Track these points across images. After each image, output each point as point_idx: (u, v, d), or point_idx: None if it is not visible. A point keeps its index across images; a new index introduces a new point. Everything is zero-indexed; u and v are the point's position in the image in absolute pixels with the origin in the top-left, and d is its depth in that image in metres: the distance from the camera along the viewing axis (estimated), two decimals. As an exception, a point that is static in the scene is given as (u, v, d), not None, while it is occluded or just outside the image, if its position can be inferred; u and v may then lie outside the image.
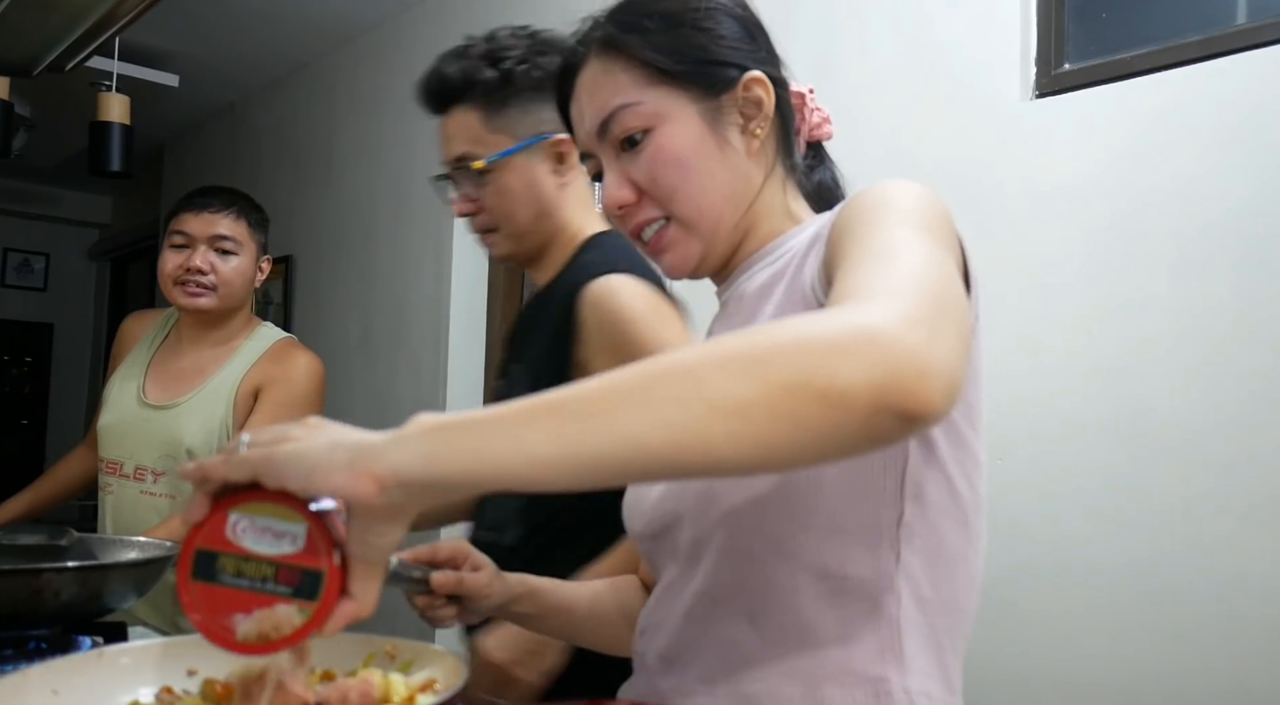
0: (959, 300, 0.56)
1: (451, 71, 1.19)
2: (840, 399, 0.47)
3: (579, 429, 0.48)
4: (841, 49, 2.18)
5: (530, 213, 1.21)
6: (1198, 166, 1.64)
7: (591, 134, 0.79)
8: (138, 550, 1.16)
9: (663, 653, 0.77)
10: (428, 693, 0.65)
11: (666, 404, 0.48)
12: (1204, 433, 1.59)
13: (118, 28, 1.08)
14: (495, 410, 0.51)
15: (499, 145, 1.19)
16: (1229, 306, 1.59)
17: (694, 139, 0.76)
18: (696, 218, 0.77)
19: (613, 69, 0.77)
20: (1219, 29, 1.68)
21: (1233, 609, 1.54)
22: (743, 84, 0.77)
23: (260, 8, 3.55)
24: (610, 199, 0.78)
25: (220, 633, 0.54)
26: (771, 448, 0.48)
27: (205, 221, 1.76)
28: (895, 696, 0.67)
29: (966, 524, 0.73)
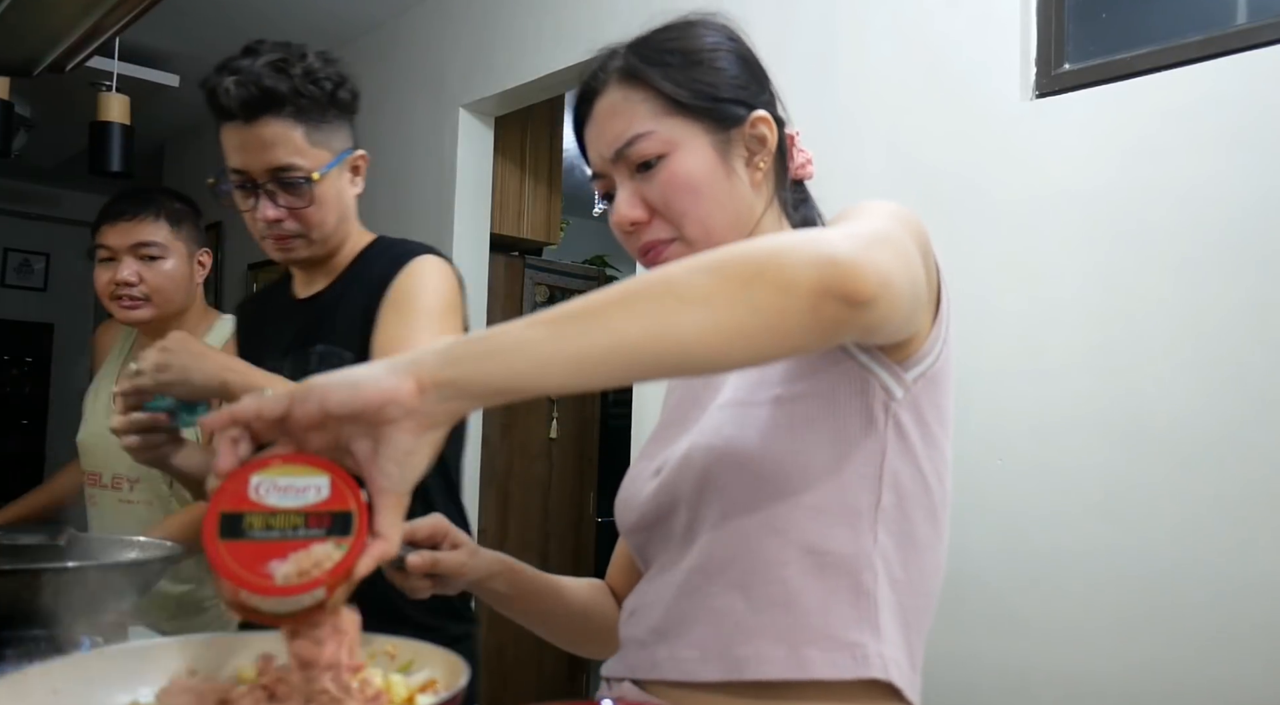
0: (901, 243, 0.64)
1: (277, 85, 1.23)
2: (787, 284, 0.56)
3: (571, 330, 0.56)
4: (841, 49, 2.18)
5: (335, 220, 1.32)
6: (1198, 167, 1.64)
7: (606, 156, 0.85)
8: (138, 550, 1.16)
9: (656, 626, 0.81)
10: (428, 693, 0.65)
11: (643, 302, 0.57)
12: (1204, 433, 1.59)
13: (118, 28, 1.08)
14: (502, 325, 0.58)
15: (320, 158, 1.28)
16: (1229, 306, 1.59)
17: (706, 167, 0.82)
18: (704, 238, 0.82)
19: (633, 98, 0.84)
20: (1219, 29, 1.68)
21: (1233, 609, 1.54)
22: (750, 121, 0.85)
23: (260, 8, 3.55)
24: (622, 216, 0.84)
25: (257, 582, 0.54)
26: (730, 333, 0.56)
27: (122, 231, 1.71)
28: (871, 660, 0.74)
29: (935, 516, 0.79)
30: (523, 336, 0.57)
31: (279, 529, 0.55)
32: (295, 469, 0.56)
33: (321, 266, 1.38)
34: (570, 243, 4.90)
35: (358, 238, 1.39)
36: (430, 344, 0.58)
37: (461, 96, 3.30)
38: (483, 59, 3.22)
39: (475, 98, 3.25)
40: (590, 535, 3.85)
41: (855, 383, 0.75)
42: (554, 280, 4.05)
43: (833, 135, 2.16)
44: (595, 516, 3.85)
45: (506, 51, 3.13)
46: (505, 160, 3.53)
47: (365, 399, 0.54)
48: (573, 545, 3.78)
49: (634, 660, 0.83)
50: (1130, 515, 1.66)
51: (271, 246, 1.33)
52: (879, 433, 0.75)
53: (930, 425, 0.78)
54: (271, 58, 1.25)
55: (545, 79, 3.01)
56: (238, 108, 1.24)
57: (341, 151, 1.31)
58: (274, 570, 0.54)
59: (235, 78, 1.23)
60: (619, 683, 0.84)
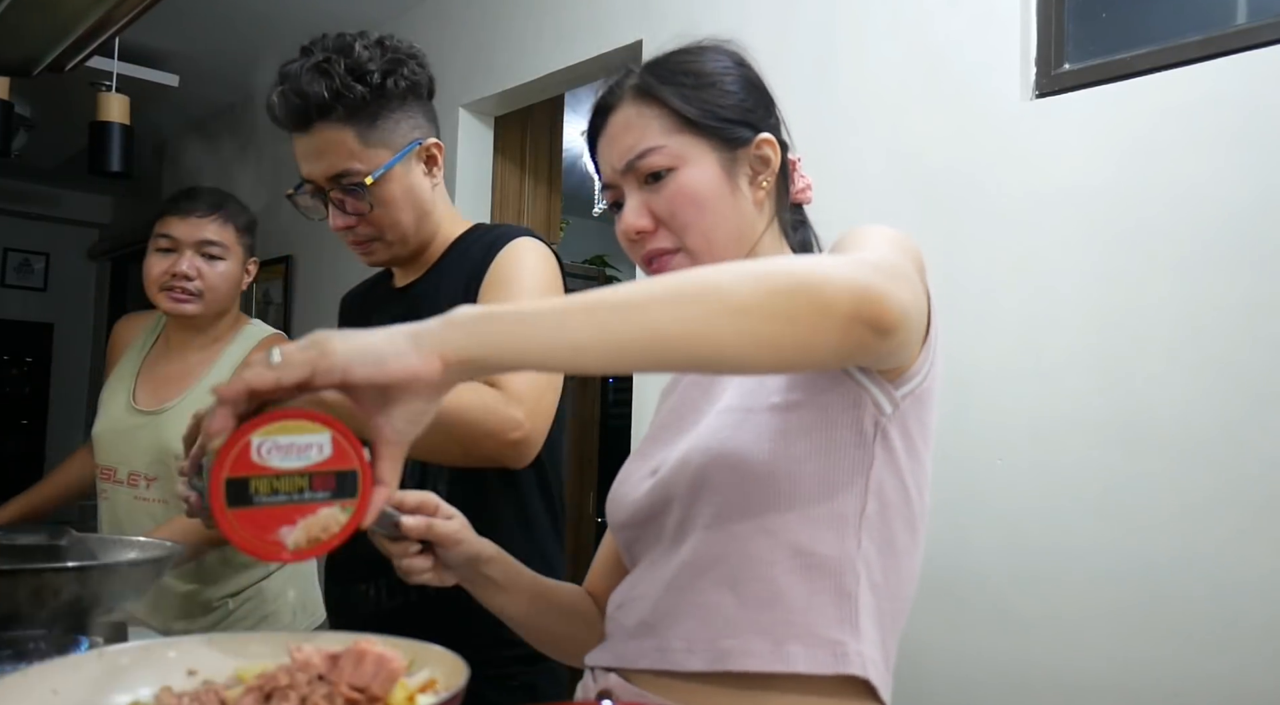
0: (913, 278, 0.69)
1: (318, 89, 1.18)
2: (826, 306, 0.61)
3: (614, 318, 0.59)
4: (841, 49, 2.18)
5: (411, 218, 1.27)
6: (1198, 167, 1.64)
7: (617, 167, 0.89)
8: (138, 550, 1.16)
9: (644, 618, 0.84)
10: (428, 693, 0.65)
11: (687, 302, 0.60)
12: (1204, 433, 1.59)
13: (118, 28, 1.08)
14: (536, 303, 0.60)
15: (379, 158, 1.22)
16: (1229, 306, 1.59)
17: (712, 182, 0.87)
18: (705, 250, 0.87)
19: (646, 114, 0.88)
20: (1219, 29, 1.68)
21: (1232, 609, 1.54)
22: (756, 143, 0.89)
23: (260, 8, 3.55)
24: (628, 225, 0.88)
25: (270, 548, 0.56)
26: (765, 343, 0.60)
27: (191, 226, 1.73)
28: (851, 658, 0.77)
29: (913, 525, 0.83)
30: (560, 320, 0.59)
31: (285, 493, 0.56)
32: (295, 425, 0.56)
33: (415, 258, 1.33)
34: (570, 242, 4.90)
35: (450, 227, 1.34)
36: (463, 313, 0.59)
37: (461, 96, 3.30)
38: (483, 59, 3.22)
39: (475, 98, 3.25)
40: (590, 535, 3.85)
41: (849, 397, 0.79)
42: (554, 280, 4.05)
43: (833, 135, 2.16)
44: (595, 516, 3.85)
45: (506, 51, 3.13)
46: (505, 160, 3.53)
47: (389, 376, 0.56)
48: (572, 545, 3.78)
49: (620, 650, 0.86)
50: (1129, 514, 1.66)
51: (356, 252, 1.29)
52: (868, 445, 0.79)
53: (914, 440, 0.82)
54: (317, 59, 1.20)
55: (545, 79, 3.02)
56: (285, 121, 1.22)
57: (405, 145, 1.24)
58: (284, 537, 0.56)
59: (281, 88, 1.20)
60: (604, 673, 0.87)
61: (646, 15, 2.66)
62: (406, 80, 1.23)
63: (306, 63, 1.20)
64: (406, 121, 1.25)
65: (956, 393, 1.88)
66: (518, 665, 1.21)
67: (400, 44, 1.25)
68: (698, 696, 0.79)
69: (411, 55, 1.25)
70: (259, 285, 4.38)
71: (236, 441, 0.55)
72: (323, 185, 1.23)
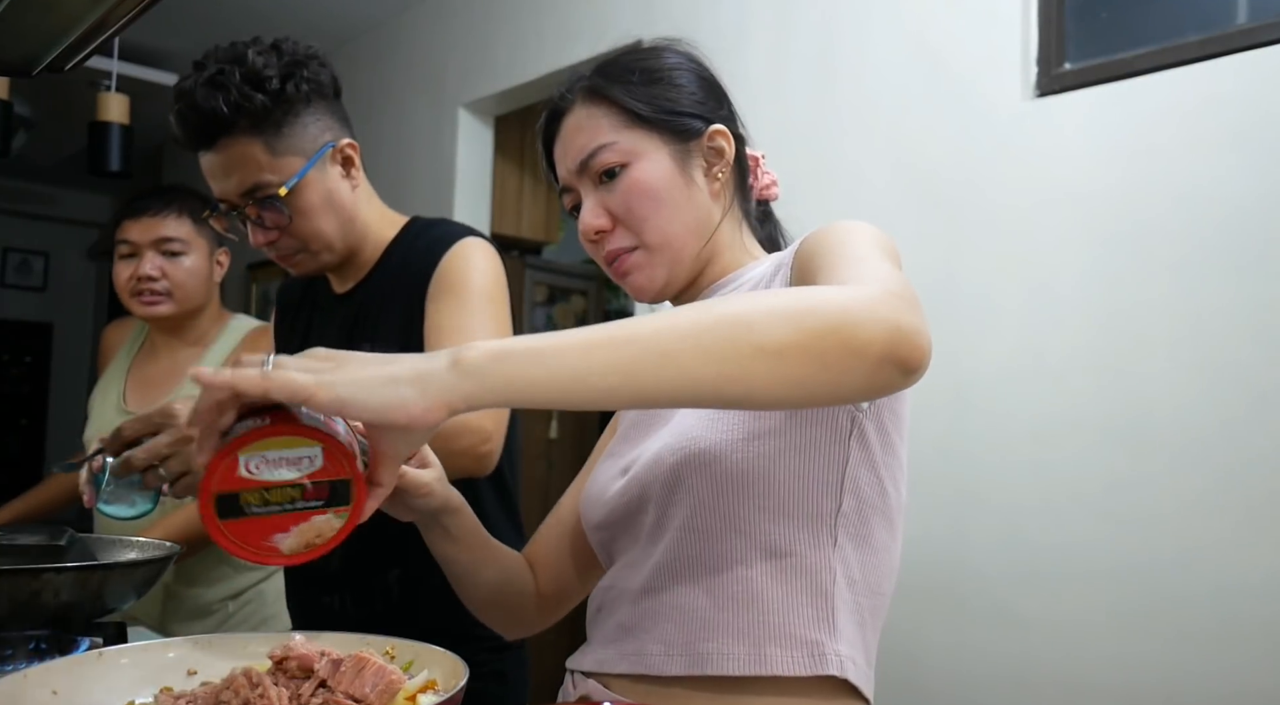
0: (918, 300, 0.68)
1: (214, 104, 1.12)
2: (861, 348, 0.59)
3: (641, 362, 0.58)
4: (841, 49, 2.18)
5: (334, 225, 1.22)
6: (1198, 166, 1.64)
7: (573, 170, 0.89)
8: (137, 550, 1.16)
9: (622, 622, 0.84)
10: (428, 693, 0.65)
11: (719, 343, 0.59)
12: (1204, 433, 1.59)
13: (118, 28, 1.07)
14: (554, 340, 0.58)
15: (291, 167, 1.16)
16: (1229, 306, 1.59)
17: (665, 175, 0.87)
18: (663, 244, 0.87)
19: (596, 114, 0.88)
20: (1219, 29, 1.68)
21: (1232, 608, 1.54)
22: (708, 134, 0.89)
23: (260, 8, 3.55)
24: (587, 225, 0.88)
25: (267, 555, 0.56)
26: (796, 384, 0.60)
27: (146, 226, 1.71)
28: (829, 658, 0.77)
29: (891, 520, 0.83)
30: (581, 362, 0.57)
31: (277, 503, 0.56)
32: (282, 441, 0.56)
33: (349, 264, 1.28)
34: (570, 242, 4.89)
35: (381, 227, 1.29)
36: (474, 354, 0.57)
37: (461, 96, 3.30)
38: (483, 59, 3.22)
39: (475, 98, 3.25)
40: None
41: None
42: (553, 280, 4.05)
43: (833, 135, 2.16)
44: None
45: (506, 51, 3.13)
46: (505, 160, 3.53)
47: (391, 421, 0.56)
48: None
49: (599, 655, 0.86)
50: (1129, 513, 1.66)
51: (282, 265, 1.26)
52: (843, 441, 0.79)
53: (890, 433, 0.82)
54: (210, 72, 1.14)
55: (545, 79, 3.02)
56: (186, 139, 1.16)
57: (317, 150, 1.19)
58: (279, 543, 0.56)
59: (177, 108, 1.14)
60: (584, 678, 0.87)
61: (647, 15, 2.66)
62: (308, 82, 1.18)
63: (200, 77, 1.14)
64: (315, 125, 1.19)
65: (956, 393, 1.88)
66: (486, 654, 1.23)
67: (297, 46, 1.20)
68: (677, 700, 0.79)
69: (311, 56, 1.20)
70: (259, 285, 4.37)
71: (222, 460, 0.55)
72: (236, 202, 1.18)
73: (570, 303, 4.17)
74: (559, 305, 4.13)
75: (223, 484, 0.55)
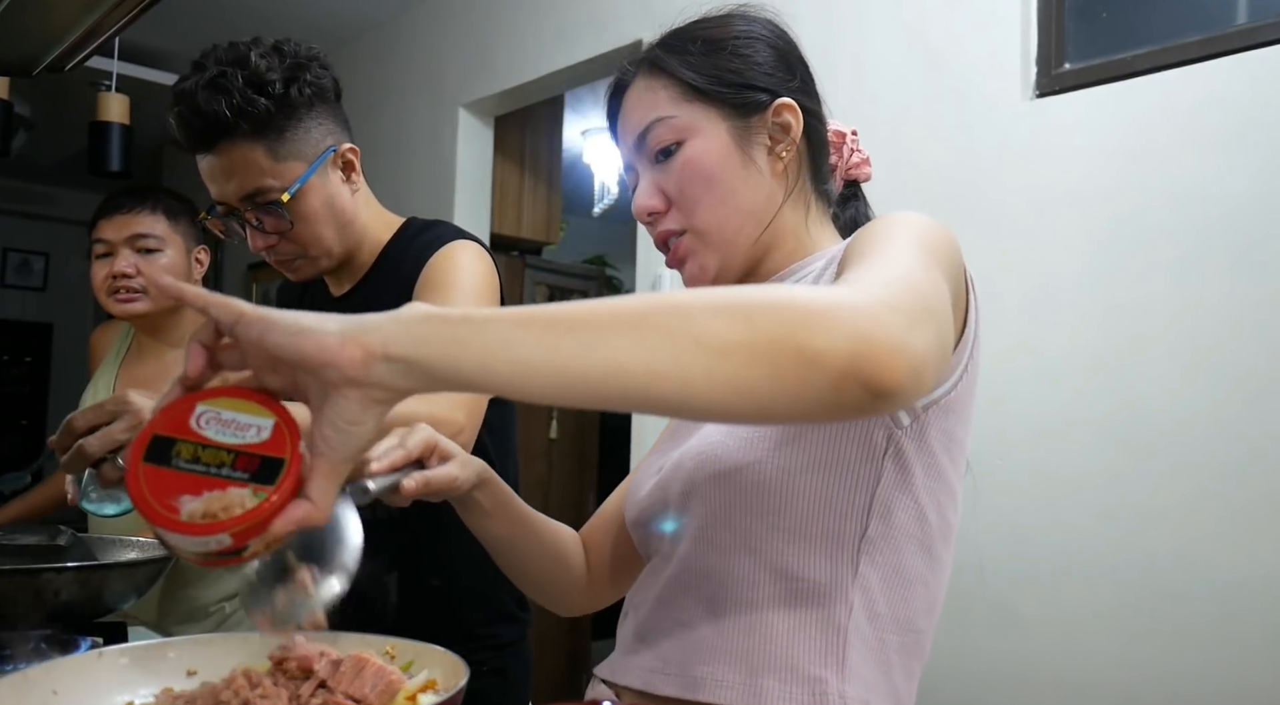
0: (942, 310, 0.59)
1: (216, 107, 1.09)
2: (816, 357, 0.50)
3: (567, 340, 0.50)
4: (841, 49, 2.18)
5: (334, 230, 1.20)
6: (1197, 166, 1.64)
7: (631, 146, 0.84)
8: (137, 550, 1.16)
9: (636, 631, 0.80)
10: (428, 693, 0.65)
11: (654, 332, 0.50)
12: (1203, 432, 1.59)
13: (117, 27, 1.07)
14: (491, 311, 0.52)
15: (292, 172, 1.14)
16: (1229, 306, 1.59)
17: (721, 154, 0.81)
18: (713, 230, 0.81)
19: (654, 87, 0.83)
20: (1219, 29, 1.68)
21: (1232, 608, 1.54)
22: (773, 109, 0.83)
23: (260, 8, 3.55)
24: (640, 206, 0.83)
25: (163, 514, 0.50)
26: (743, 391, 0.50)
27: (120, 224, 1.70)
28: (830, 698, 0.70)
29: (930, 550, 0.76)
30: (508, 334, 0.50)
31: (204, 464, 0.52)
32: (245, 405, 0.53)
33: (345, 267, 1.28)
34: (570, 242, 4.89)
35: (378, 230, 1.28)
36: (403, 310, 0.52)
37: (461, 96, 3.30)
38: (483, 59, 3.22)
39: (475, 98, 3.25)
40: (590, 535, 3.84)
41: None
42: (554, 280, 4.05)
43: (833, 135, 2.16)
44: (595, 517, 3.84)
45: (506, 51, 3.13)
46: (505, 160, 3.53)
47: (301, 350, 0.50)
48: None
49: (616, 663, 0.82)
50: (1129, 514, 1.66)
51: (280, 269, 1.24)
52: (875, 460, 0.72)
53: (936, 454, 0.74)
54: (212, 74, 1.11)
55: (545, 79, 3.01)
56: (187, 142, 1.14)
57: (318, 156, 1.17)
58: (182, 505, 0.50)
59: (177, 110, 1.12)
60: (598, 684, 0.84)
61: (647, 15, 2.66)
62: (311, 86, 1.16)
63: (201, 79, 1.11)
64: (317, 129, 1.17)
65: (956, 393, 1.88)
66: (486, 652, 1.23)
67: (299, 47, 1.18)
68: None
69: (313, 58, 1.18)
70: (259, 286, 4.37)
71: (182, 404, 0.53)
72: (236, 206, 1.16)
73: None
74: (559, 305, 4.12)
75: (166, 426, 0.52)
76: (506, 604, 1.29)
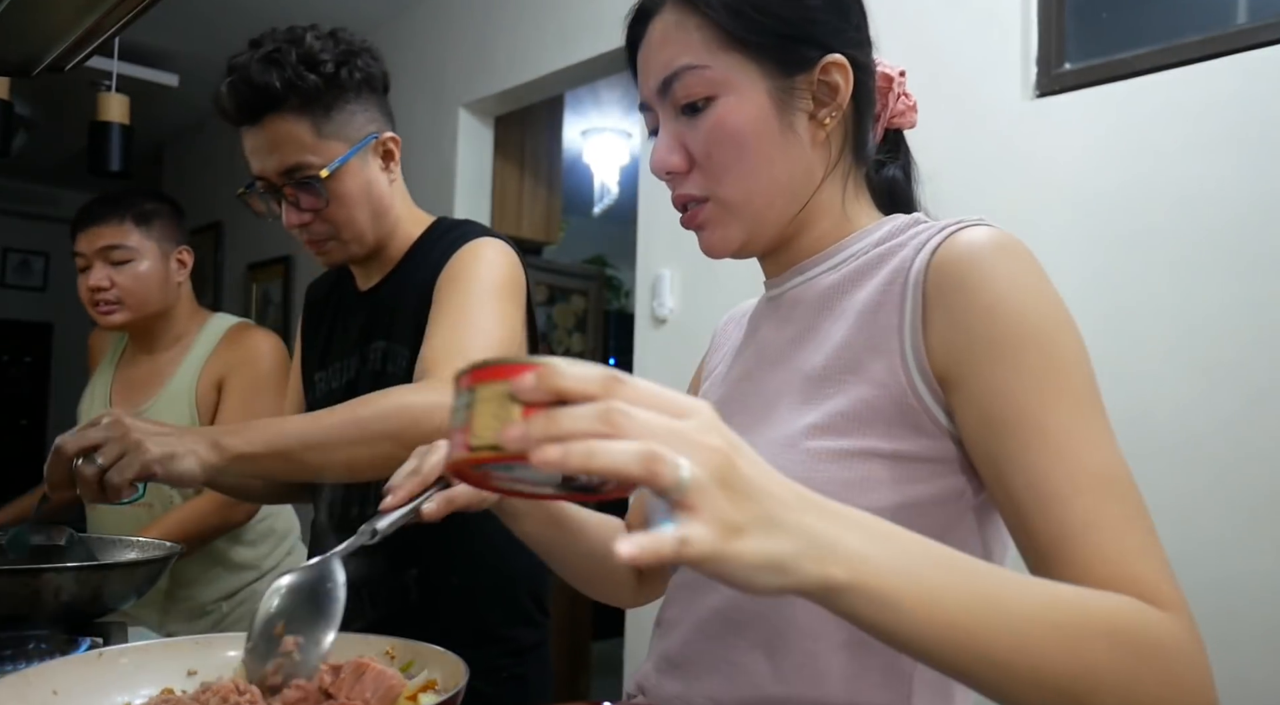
0: None
1: (269, 79, 1.13)
2: (1177, 678, 0.53)
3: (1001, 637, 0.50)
4: (841, 49, 2.18)
5: (367, 215, 1.22)
6: (1197, 166, 1.64)
7: (654, 89, 0.74)
8: (137, 550, 1.16)
9: (671, 655, 0.74)
10: (428, 693, 0.65)
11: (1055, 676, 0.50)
12: (1204, 433, 1.59)
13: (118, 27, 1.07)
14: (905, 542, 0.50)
15: (333, 151, 1.17)
16: (1229, 306, 1.59)
17: (757, 117, 0.71)
18: (743, 202, 0.73)
19: (687, 25, 0.72)
20: (1219, 29, 1.68)
21: (1231, 606, 1.54)
22: (821, 67, 0.72)
23: (260, 8, 3.55)
24: (659, 162, 0.74)
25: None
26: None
27: (91, 237, 1.70)
28: None
29: None
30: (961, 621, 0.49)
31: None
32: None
33: (375, 259, 1.29)
34: (570, 243, 4.90)
35: (410, 225, 1.29)
36: (840, 515, 0.48)
37: (461, 96, 3.30)
38: (483, 59, 3.22)
39: (475, 98, 3.25)
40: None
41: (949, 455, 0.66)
42: (553, 280, 4.06)
43: (833, 135, 2.16)
44: (595, 516, 3.84)
45: (506, 51, 3.13)
46: (505, 160, 3.53)
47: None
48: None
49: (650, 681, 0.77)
50: (1130, 515, 1.66)
51: (311, 252, 1.25)
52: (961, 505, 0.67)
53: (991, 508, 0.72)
54: (266, 49, 1.15)
55: (545, 79, 3.01)
56: (235, 112, 1.16)
57: (361, 139, 1.20)
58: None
59: (229, 80, 1.15)
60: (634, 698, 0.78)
61: (646, 15, 2.66)
62: (361, 72, 1.20)
63: (255, 54, 1.15)
64: (362, 114, 1.21)
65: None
66: (506, 658, 1.22)
67: (353, 37, 1.22)
68: None
69: (365, 48, 1.22)
70: (259, 286, 4.38)
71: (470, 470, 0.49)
72: (275, 181, 1.18)
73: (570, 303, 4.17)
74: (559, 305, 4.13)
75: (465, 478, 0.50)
76: (526, 606, 1.27)
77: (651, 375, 2.60)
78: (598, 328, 4.30)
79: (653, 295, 2.58)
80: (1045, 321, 0.66)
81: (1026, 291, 0.67)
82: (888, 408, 0.66)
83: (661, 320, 2.56)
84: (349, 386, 1.26)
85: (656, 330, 2.58)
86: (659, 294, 2.55)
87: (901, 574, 0.48)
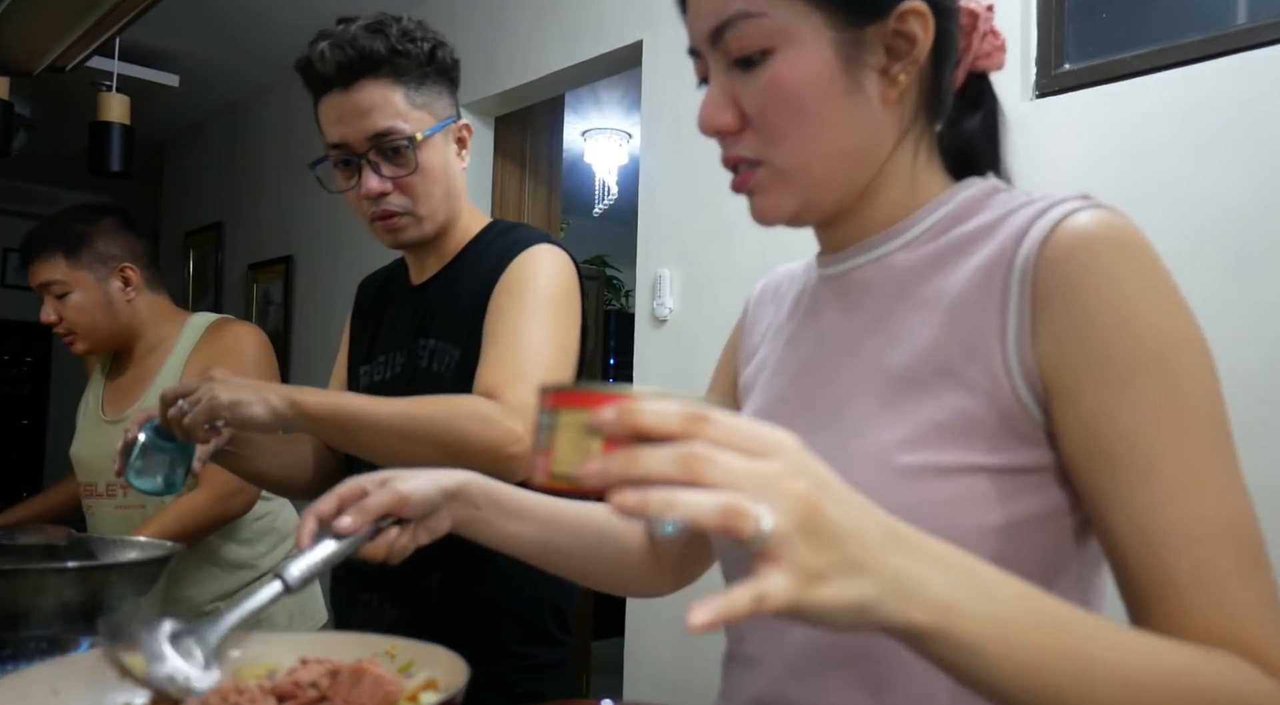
0: None
1: (373, 44, 1.15)
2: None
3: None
4: (841, 49, 2.18)
5: (443, 193, 1.23)
6: (1197, 166, 1.64)
7: (705, 34, 0.64)
8: (138, 550, 1.16)
9: (762, 698, 0.67)
10: (429, 692, 0.65)
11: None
12: (1204, 433, 1.59)
13: (118, 28, 1.08)
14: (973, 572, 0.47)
15: (424, 121, 1.20)
16: (1227, 306, 1.59)
17: (820, 75, 0.61)
18: (801, 170, 0.64)
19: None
20: (1219, 29, 1.68)
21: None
22: (897, 15, 0.63)
23: (260, 8, 3.55)
24: (707, 120, 0.65)
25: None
26: None
27: (32, 274, 1.73)
28: None
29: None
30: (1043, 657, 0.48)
31: None
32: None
33: (433, 250, 1.28)
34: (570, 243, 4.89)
35: (469, 221, 1.30)
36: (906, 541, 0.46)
37: (461, 96, 3.29)
38: (483, 59, 3.23)
39: (475, 98, 3.25)
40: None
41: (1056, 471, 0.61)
42: (554, 280, 4.05)
43: (833, 135, 2.16)
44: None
45: (507, 51, 3.13)
46: (506, 160, 3.53)
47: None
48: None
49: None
50: (1130, 515, 1.66)
51: (380, 229, 1.23)
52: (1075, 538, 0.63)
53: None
54: (366, 22, 1.18)
55: (545, 79, 3.02)
56: (334, 72, 1.16)
57: (445, 118, 1.23)
58: None
59: (330, 41, 1.16)
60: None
61: (647, 15, 2.66)
62: (449, 57, 1.25)
63: (354, 24, 1.18)
64: (447, 96, 1.25)
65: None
66: (522, 674, 1.20)
67: (437, 32, 1.26)
68: None
69: (446, 43, 1.26)
70: (259, 286, 4.38)
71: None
72: (359, 147, 1.17)
73: (570, 303, 4.17)
74: (559, 305, 4.13)
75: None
76: (546, 624, 1.24)
77: (651, 375, 2.60)
78: (598, 328, 4.30)
79: (653, 295, 2.58)
80: (1170, 339, 0.59)
81: (1150, 303, 0.60)
82: (989, 418, 0.59)
83: (662, 320, 2.56)
84: (394, 382, 1.26)
85: (657, 330, 2.58)
86: (659, 294, 2.55)
87: (986, 620, 0.46)
